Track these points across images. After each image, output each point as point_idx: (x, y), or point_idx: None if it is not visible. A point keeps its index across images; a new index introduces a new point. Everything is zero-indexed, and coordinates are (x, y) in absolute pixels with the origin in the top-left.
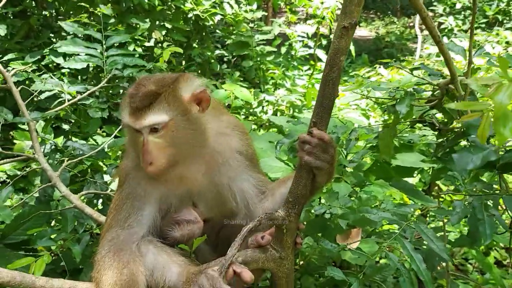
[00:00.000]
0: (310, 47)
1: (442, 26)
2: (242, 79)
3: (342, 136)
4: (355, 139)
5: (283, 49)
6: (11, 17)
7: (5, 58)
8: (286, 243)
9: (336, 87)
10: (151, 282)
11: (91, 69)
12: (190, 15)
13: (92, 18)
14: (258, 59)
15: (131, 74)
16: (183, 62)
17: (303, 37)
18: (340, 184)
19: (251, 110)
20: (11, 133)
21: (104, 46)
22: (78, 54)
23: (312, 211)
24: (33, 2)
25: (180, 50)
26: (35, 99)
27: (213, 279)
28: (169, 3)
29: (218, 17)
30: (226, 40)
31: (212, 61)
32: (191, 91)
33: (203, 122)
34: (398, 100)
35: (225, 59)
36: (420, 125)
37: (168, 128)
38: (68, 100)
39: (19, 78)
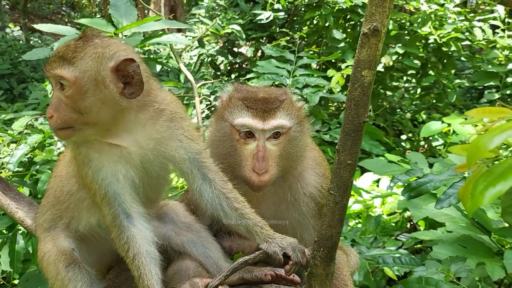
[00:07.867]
0: None
1: None
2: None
3: None
4: None
5: None
6: None
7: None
8: None
9: (360, 109)
10: None
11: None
12: (430, 40)
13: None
14: (508, 92)
15: (310, 93)
16: (418, 90)
17: None
18: None
19: None
20: None
21: (293, 67)
22: (266, 73)
23: None
24: None
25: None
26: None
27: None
28: (407, 27)
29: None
30: (470, 69)
31: (449, 90)
32: (299, 104)
33: (309, 140)
34: None
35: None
36: None
37: (286, 135)
38: None
39: (209, 90)
